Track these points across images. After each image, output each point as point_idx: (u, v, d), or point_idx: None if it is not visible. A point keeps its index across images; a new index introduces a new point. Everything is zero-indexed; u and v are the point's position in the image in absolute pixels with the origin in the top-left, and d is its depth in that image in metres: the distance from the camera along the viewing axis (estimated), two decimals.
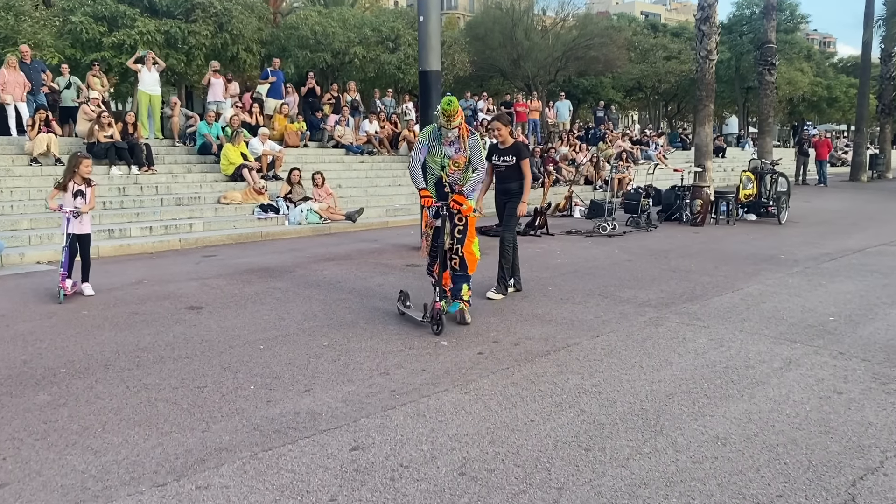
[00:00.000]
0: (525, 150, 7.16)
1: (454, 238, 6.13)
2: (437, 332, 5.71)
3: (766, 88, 20.34)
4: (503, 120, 7.19)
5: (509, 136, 7.08)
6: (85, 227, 7.16)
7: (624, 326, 6.03)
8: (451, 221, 6.08)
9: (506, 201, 7.15)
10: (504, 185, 7.15)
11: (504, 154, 7.03)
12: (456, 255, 6.19)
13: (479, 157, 6.17)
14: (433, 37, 9.79)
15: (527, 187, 7.00)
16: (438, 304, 5.82)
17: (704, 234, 12.11)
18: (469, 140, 6.14)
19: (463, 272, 6.24)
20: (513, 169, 7.00)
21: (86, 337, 5.65)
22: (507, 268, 7.11)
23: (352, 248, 10.43)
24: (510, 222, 7.15)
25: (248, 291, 7.33)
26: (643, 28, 49.55)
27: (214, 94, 16.32)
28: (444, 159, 6.15)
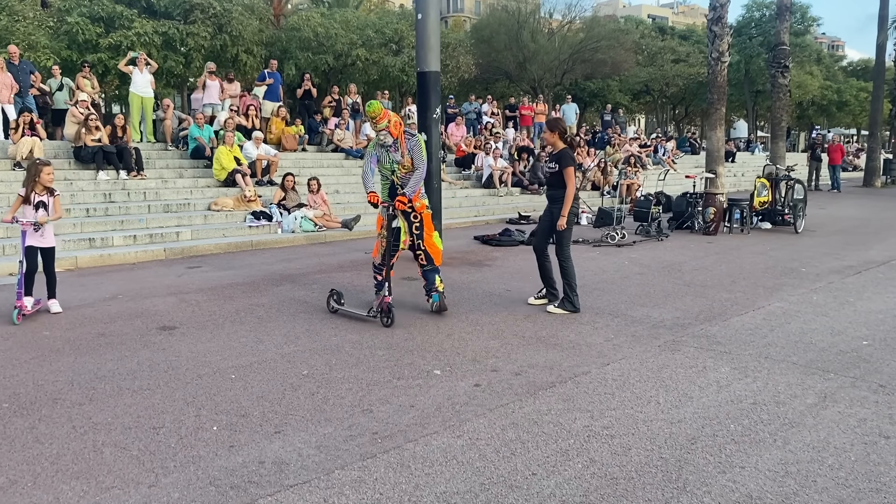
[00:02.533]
0: (568, 159, 6.66)
1: (413, 235, 6.54)
2: (387, 324, 6.10)
3: (779, 91, 19.69)
4: (552, 125, 6.87)
5: (559, 141, 6.73)
6: (47, 239, 6.62)
7: (637, 352, 5.45)
8: (408, 220, 6.51)
9: (552, 210, 6.84)
10: (550, 191, 6.96)
11: (550, 161, 6.89)
12: (419, 250, 6.61)
13: (419, 157, 6.46)
14: (432, 36, 9.24)
15: (567, 199, 6.62)
16: (388, 298, 6.19)
17: (718, 243, 11.52)
18: (409, 142, 6.46)
19: (430, 265, 6.68)
20: (556, 176, 6.72)
21: (41, 363, 5.10)
22: (570, 286, 6.73)
23: (345, 259, 9.87)
24: (560, 238, 6.80)
25: (228, 309, 6.78)
26: (651, 31, 48.96)
27: (210, 97, 15.80)
28: (393, 164, 6.48)
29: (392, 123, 6.34)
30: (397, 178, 6.50)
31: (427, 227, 6.63)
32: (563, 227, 6.70)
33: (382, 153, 6.48)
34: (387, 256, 6.44)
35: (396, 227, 6.47)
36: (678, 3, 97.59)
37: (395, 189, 6.49)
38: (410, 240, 6.58)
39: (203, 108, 15.81)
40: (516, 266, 9.30)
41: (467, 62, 30.28)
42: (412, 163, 6.45)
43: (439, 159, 9.67)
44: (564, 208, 6.62)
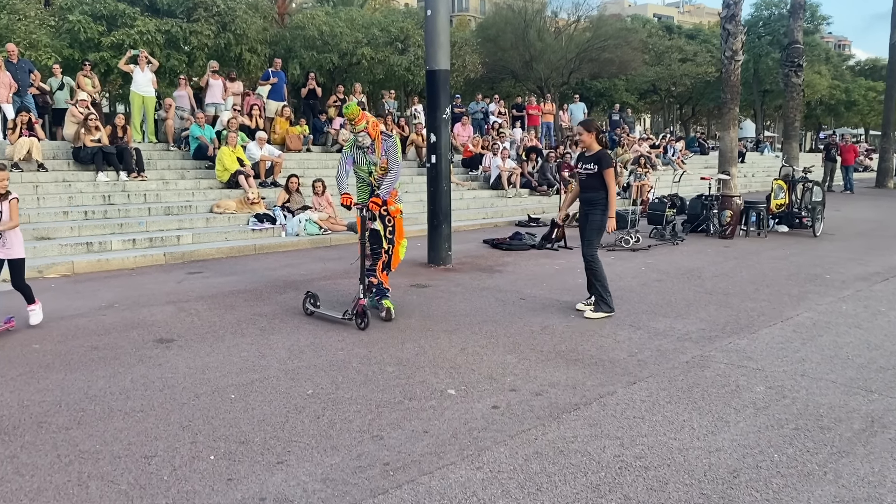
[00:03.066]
0: (608, 159, 6.59)
1: (386, 238, 6.57)
2: (362, 327, 6.06)
3: (792, 91, 19.27)
4: (588, 126, 6.70)
5: (595, 142, 6.59)
6: (14, 250, 6.11)
7: (664, 369, 5.11)
8: (383, 223, 6.51)
9: (587, 212, 6.70)
10: (585, 194, 6.74)
11: (587, 162, 6.63)
12: (387, 253, 6.64)
13: (394, 158, 6.52)
14: (441, 33, 8.90)
15: (612, 200, 6.53)
16: (363, 301, 6.15)
17: (736, 248, 11.15)
18: (385, 143, 6.51)
19: (386, 268, 6.72)
20: (594, 178, 6.55)
21: (28, 380, 4.78)
22: (602, 285, 6.63)
23: (351, 265, 9.53)
24: (591, 237, 6.69)
25: (229, 319, 6.45)
26: (658, 30, 48.52)
27: (213, 96, 15.48)
28: (370, 166, 6.51)
29: (370, 125, 6.43)
30: (374, 180, 6.54)
31: (398, 233, 6.68)
32: (613, 228, 6.59)
33: (359, 154, 6.52)
34: (363, 259, 6.42)
35: (374, 230, 6.49)
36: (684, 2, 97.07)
37: (373, 190, 6.54)
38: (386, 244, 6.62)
39: (206, 107, 15.50)
40: (529, 272, 8.96)
41: (473, 61, 29.93)
42: (388, 164, 6.51)
43: (449, 160, 9.32)
44: (611, 209, 6.53)
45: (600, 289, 6.62)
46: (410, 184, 16.17)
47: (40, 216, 10.08)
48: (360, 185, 6.66)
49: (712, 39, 49.67)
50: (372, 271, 6.54)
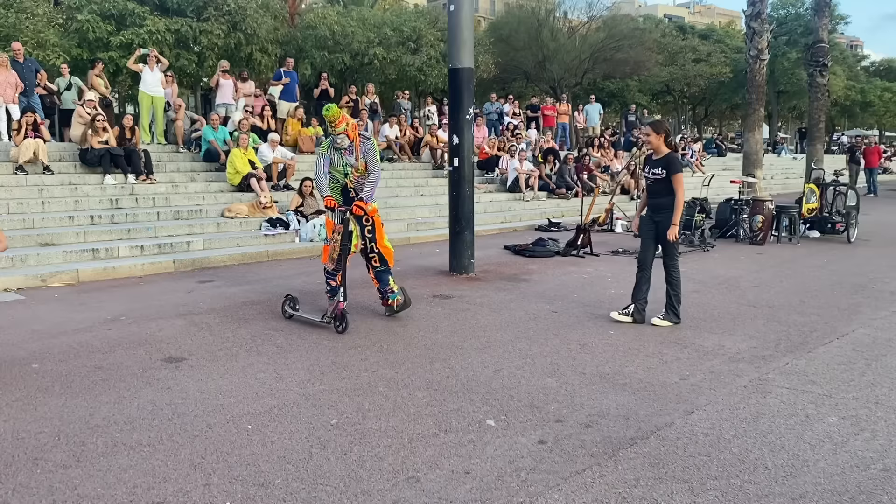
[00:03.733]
0: (678, 163, 6.34)
1: (366, 238, 6.58)
2: (340, 330, 6.04)
3: (817, 91, 18.77)
4: (657, 127, 6.40)
5: (664, 145, 6.34)
6: None
7: (721, 395, 4.64)
8: (360, 224, 6.49)
9: (656, 219, 6.39)
10: (653, 199, 6.46)
11: (654, 166, 6.36)
12: (373, 252, 6.66)
13: (374, 161, 6.52)
14: (465, 29, 8.44)
15: (678, 206, 6.21)
16: (342, 304, 6.19)
17: (769, 255, 10.66)
18: (364, 146, 6.49)
19: (384, 266, 6.71)
20: (662, 183, 6.29)
21: (25, 407, 4.35)
22: (676, 294, 6.42)
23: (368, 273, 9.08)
24: (668, 248, 6.41)
25: (243, 334, 6.02)
26: (672, 30, 47.91)
27: (223, 97, 15.09)
28: (347, 167, 6.46)
29: (350, 126, 6.44)
30: (350, 182, 6.51)
31: (378, 230, 6.70)
32: (675, 236, 6.28)
33: (336, 156, 6.49)
34: (340, 261, 6.38)
35: (349, 231, 6.44)
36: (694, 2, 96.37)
37: (347, 192, 6.51)
38: (362, 243, 6.63)
39: (216, 108, 15.11)
40: (558, 281, 8.49)
41: (486, 61, 29.46)
42: (366, 167, 6.49)
43: (472, 164, 8.86)
44: (676, 216, 6.20)
45: (674, 297, 6.41)
46: (426, 186, 15.75)
47: (45, 221, 9.68)
48: (335, 186, 6.58)
49: (726, 39, 49.09)
50: (333, 274, 6.47)
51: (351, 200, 6.41)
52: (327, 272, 6.52)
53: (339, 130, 6.35)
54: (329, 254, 6.48)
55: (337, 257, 6.39)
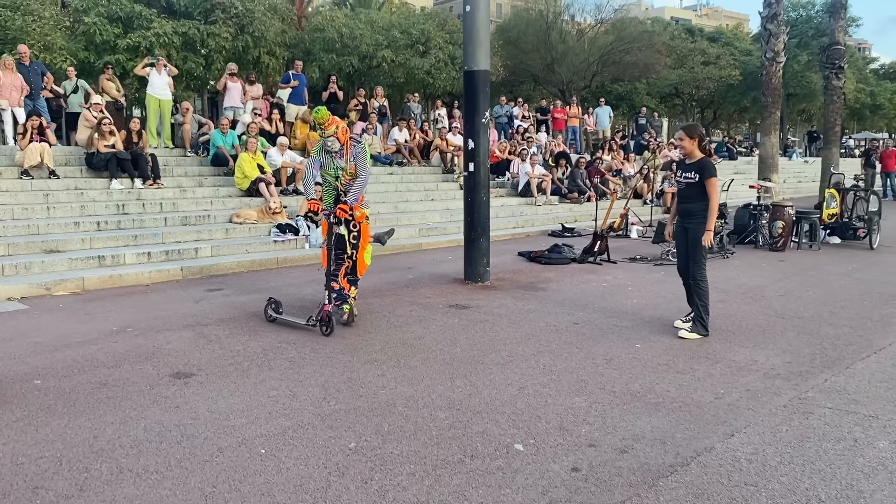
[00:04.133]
0: (711, 168, 6.12)
1: (349, 244, 6.57)
2: (326, 333, 6.07)
3: (832, 94, 18.46)
4: (690, 131, 6.27)
5: (697, 149, 6.16)
6: None
7: (761, 416, 4.38)
8: (347, 228, 6.50)
9: (686, 226, 6.22)
10: (683, 205, 6.29)
11: (687, 170, 6.20)
12: (350, 259, 6.64)
13: (363, 164, 6.52)
14: (481, 30, 8.21)
15: (712, 212, 6.03)
16: (328, 307, 6.17)
17: (791, 262, 10.39)
18: (354, 149, 6.51)
19: (353, 275, 6.71)
20: (694, 188, 6.11)
21: (25, 428, 4.12)
22: (703, 305, 6.18)
23: (382, 280, 8.87)
24: (696, 255, 6.18)
25: (254, 347, 5.78)
26: (680, 32, 47.60)
27: (231, 100, 14.87)
28: (338, 171, 6.52)
29: (340, 129, 6.45)
30: (341, 185, 6.56)
31: (363, 238, 6.71)
32: (710, 242, 6.09)
33: (327, 159, 6.54)
34: (331, 264, 6.44)
35: (340, 235, 6.50)
36: (700, 5, 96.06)
37: (338, 195, 6.56)
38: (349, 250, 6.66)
39: (224, 111, 14.90)
40: (577, 290, 8.24)
41: (495, 64, 29.19)
42: (355, 170, 6.52)
43: (488, 169, 8.62)
44: (710, 222, 6.02)
45: (701, 308, 6.17)
46: (436, 191, 15.53)
47: (50, 227, 9.47)
48: (327, 188, 6.67)
49: (734, 42, 48.81)
50: (335, 276, 6.52)
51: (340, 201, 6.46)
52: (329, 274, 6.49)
53: (328, 133, 6.39)
54: (326, 257, 6.54)
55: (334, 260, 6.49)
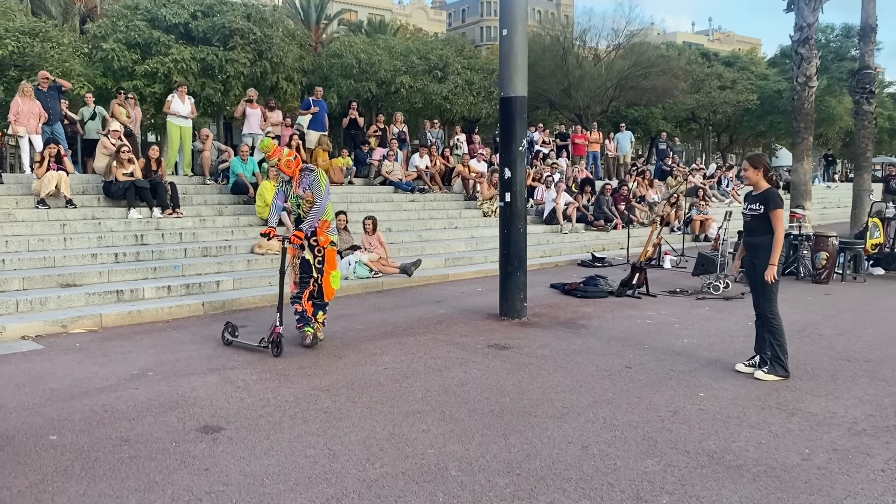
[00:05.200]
0: (778, 199, 5.80)
1: (315, 269, 6.81)
2: (276, 354, 6.34)
3: (863, 119, 17.97)
4: (755, 161, 5.99)
5: (763, 180, 5.88)
6: None
7: (859, 482, 3.90)
8: (312, 253, 6.76)
9: (754, 261, 5.90)
10: (750, 238, 6.00)
11: (752, 202, 5.92)
12: (316, 283, 6.85)
13: (318, 191, 6.70)
14: (519, 55, 7.86)
15: (776, 245, 5.73)
16: (279, 329, 6.43)
17: (839, 295, 9.89)
18: (307, 178, 6.73)
19: (320, 300, 6.93)
20: (759, 220, 5.82)
21: (39, 497, 3.69)
22: (779, 345, 5.83)
23: (412, 315, 8.44)
24: (766, 290, 5.83)
25: (285, 395, 5.34)
26: (697, 57, 47.38)
27: (250, 127, 14.58)
28: (298, 199, 6.80)
29: (283, 162, 6.62)
30: (303, 212, 6.80)
31: (328, 264, 6.89)
32: (773, 277, 5.74)
33: (288, 189, 6.81)
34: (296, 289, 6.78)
35: (305, 259, 6.76)
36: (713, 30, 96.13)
37: (300, 221, 6.83)
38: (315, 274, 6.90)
39: (243, 137, 14.62)
40: (620, 327, 7.78)
41: None
42: (313, 197, 6.69)
43: (524, 199, 8.22)
44: (774, 255, 5.72)
45: (777, 348, 5.83)
46: (459, 218, 15.14)
47: (66, 260, 9.12)
48: (295, 217, 7.03)
49: (750, 67, 48.57)
50: (298, 298, 6.78)
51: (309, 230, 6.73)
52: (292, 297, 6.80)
53: (271, 163, 6.74)
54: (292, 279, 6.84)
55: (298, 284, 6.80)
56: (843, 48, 42.33)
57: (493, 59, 33.64)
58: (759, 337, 6.01)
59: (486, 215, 15.44)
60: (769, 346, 5.87)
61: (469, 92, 26.48)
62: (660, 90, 35.63)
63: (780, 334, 5.84)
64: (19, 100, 12.11)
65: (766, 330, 5.87)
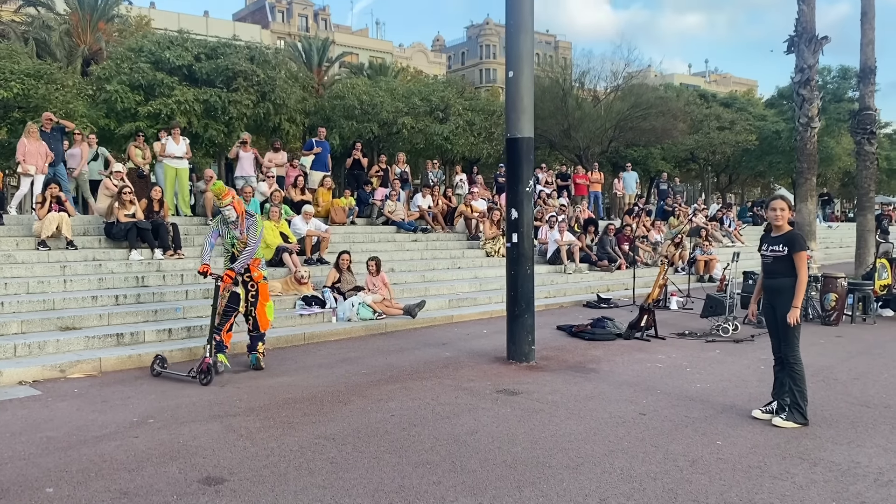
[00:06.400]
0: (801, 241, 5.70)
1: (248, 302, 7.50)
2: (205, 383, 6.75)
3: (865, 160, 17.99)
4: (790, 202, 5.91)
5: (786, 222, 5.79)
6: None
7: None
8: (245, 289, 7.44)
9: (774, 304, 5.78)
10: (770, 280, 5.87)
11: (774, 243, 5.78)
12: (250, 316, 7.54)
13: (253, 235, 7.41)
14: (525, 97, 7.85)
15: (800, 288, 5.60)
16: (209, 360, 6.92)
17: (850, 338, 9.74)
18: (247, 221, 7.46)
19: (257, 331, 7.62)
20: (782, 262, 5.70)
21: None
22: (800, 391, 5.68)
23: (418, 358, 8.28)
24: (787, 336, 5.72)
25: (290, 444, 5.17)
26: (695, 98, 47.85)
27: (243, 169, 14.56)
28: (233, 240, 7.46)
29: (235, 200, 7.43)
30: (237, 251, 7.42)
31: (262, 297, 7.59)
32: (797, 320, 5.62)
33: (224, 229, 7.47)
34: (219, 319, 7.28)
35: (236, 293, 7.38)
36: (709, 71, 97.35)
37: (234, 259, 7.43)
38: (245, 306, 7.49)
39: (236, 180, 14.57)
40: (631, 371, 7.61)
41: None
42: (247, 239, 7.39)
43: (532, 240, 8.13)
44: (797, 298, 5.59)
45: (797, 394, 5.67)
46: (462, 258, 15.05)
47: (66, 302, 8.97)
48: (227, 256, 7.53)
49: (748, 108, 49.06)
50: (218, 330, 7.27)
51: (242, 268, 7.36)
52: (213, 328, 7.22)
53: (224, 203, 7.27)
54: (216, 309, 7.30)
55: (220, 313, 7.28)
56: (841, 89, 42.79)
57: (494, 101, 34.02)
58: (778, 382, 5.88)
59: (489, 255, 15.36)
60: (789, 392, 5.73)
61: (470, 132, 26.65)
62: (659, 131, 35.88)
63: (802, 380, 5.71)
64: (26, 140, 12.08)
65: (787, 375, 5.74)
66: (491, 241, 15.57)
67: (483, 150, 27.76)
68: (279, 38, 54.59)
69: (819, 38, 15.94)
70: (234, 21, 59.73)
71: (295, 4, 64.73)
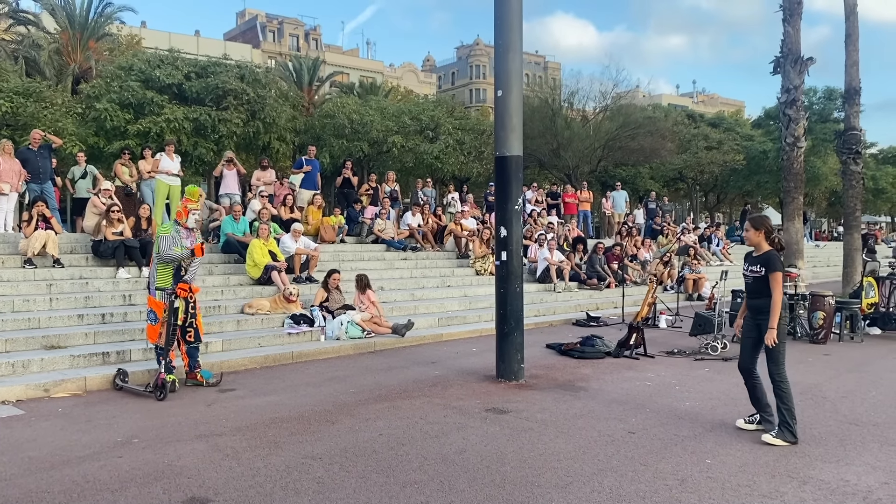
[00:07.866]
0: (777, 262, 5.76)
1: (188, 314, 7.43)
2: (160, 398, 6.85)
3: (851, 179, 18.18)
4: (757, 223, 5.94)
5: (765, 241, 5.85)
6: None
7: None
8: (186, 301, 7.37)
9: (758, 321, 5.84)
10: (752, 300, 5.94)
11: (753, 263, 5.88)
12: (191, 328, 7.50)
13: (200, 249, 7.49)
14: (514, 115, 7.89)
15: (775, 308, 5.66)
16: (163, 375, 7.01)
17: (838, 356, 9.77)
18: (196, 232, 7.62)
19: (197, 342, 7.61)
20: (761, 282, 5.79)
21: None
22: (788, 409, 5.70)
23: (407, 377, 8.23)
24: (772, 354, 5.76)
25: (276, 464, 5.11)
26: (683, 118, 48.26)
27: (227, 187, 14.55)
28: (183, 249, 7.37)
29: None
30: (185, 263, 7.39)
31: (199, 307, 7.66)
32: (773, 341, 5.66)
33: (178, 238, 7.35)
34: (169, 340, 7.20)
35: (176, 308, 7.24)
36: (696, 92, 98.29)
37: (179, 273, 7.30)
38: (184, 318, 7.38)
39: (220, 198, 14.54)
40: (620, 390, 7.59)
41: None
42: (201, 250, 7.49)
43: (521, 258, 8.13)
44: (773, 318, 5.64)
45: (785, 412, 5.69)
46: (452, 277, 15.03)
47: (52, 321, 8.89)
48: (166, 268, 7.33)
49: (735, 128, 49.52)
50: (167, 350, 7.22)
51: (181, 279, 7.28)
52: (158, 349, 7.22)
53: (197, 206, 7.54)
54: (159, 333, 7.22)
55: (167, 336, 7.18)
56: (826, 110, 43.26)
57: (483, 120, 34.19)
58: (753, 395, 6.01)
59: (478, 273, 15.35)
60: (778, 411, 5.75)
61: (460, 151, 26.77)
62: (647, 150, 36.16)
63: (789, 398, 5.73)
64: (0, 159, 11.98)
65: (774, 393, 5.76)
66: (480, 260, 15.58)
67: (473, 169, 27.88)
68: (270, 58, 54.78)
69: (804, 59, 16.16)
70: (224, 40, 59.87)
71: (286, 24, 65.05)
